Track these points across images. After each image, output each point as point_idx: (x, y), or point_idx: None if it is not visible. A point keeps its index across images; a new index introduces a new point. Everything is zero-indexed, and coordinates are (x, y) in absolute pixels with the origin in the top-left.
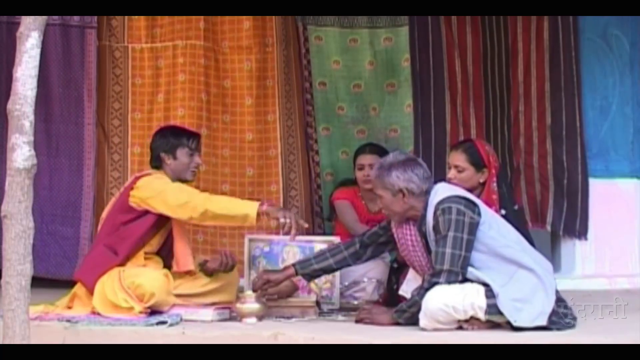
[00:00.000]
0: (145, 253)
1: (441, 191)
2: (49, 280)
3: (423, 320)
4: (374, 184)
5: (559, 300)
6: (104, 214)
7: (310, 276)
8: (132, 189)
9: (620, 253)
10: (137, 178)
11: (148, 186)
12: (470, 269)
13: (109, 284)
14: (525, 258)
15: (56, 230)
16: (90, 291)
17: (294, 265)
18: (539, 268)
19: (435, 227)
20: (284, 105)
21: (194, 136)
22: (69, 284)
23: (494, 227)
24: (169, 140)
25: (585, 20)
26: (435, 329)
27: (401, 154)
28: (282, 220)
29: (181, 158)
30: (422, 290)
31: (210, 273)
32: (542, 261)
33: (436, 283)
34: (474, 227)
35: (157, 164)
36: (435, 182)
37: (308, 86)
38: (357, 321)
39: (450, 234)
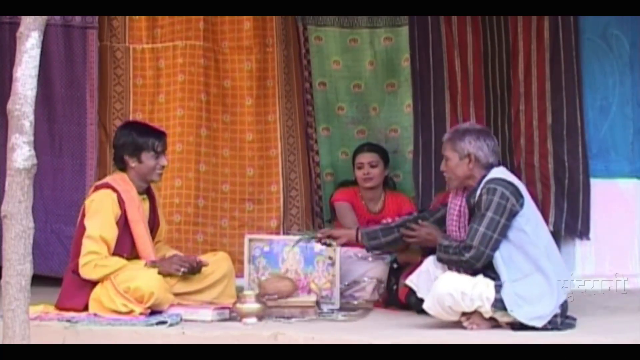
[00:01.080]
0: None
1: (496, 173)
2: (50, 280)
3: (428, 302)
4: (443, 146)
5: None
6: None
7: (370, 237)
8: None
9: (620, 253)
10: (96, 188)
11: (87, 211)
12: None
13: (104, 294)
14: (546, 263)
15: (60, 230)
16: (81, 310)
17: (357, 228)
18: (554, 278)
19: (478, 204)
20: (284, 105)
21: (160, 137)
22: None
23: (531, 224)
24: (133, 143)
25: (585, 20)
26: (437, 315)
27: (477, 125)
28: (180, 272)
29: (146, 162)
30: (454, 249)
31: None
32: (562, 273)
33: (461, 257)
34: (512, 214)
35: (121, 165)
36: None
37: (308, 86)
38: (404, 236)
39: (489, 214)
